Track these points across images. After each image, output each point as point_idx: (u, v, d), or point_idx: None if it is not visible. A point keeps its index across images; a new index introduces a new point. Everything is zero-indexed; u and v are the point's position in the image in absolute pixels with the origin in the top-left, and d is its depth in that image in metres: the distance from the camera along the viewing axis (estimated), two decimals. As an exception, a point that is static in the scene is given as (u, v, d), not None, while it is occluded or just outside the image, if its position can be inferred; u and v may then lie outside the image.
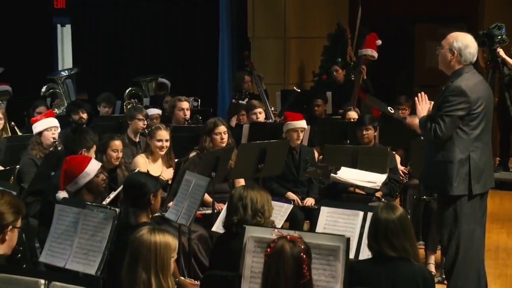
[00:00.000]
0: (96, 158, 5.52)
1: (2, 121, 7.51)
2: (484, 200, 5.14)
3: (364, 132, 6.85)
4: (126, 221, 4.34)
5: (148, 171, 5.97)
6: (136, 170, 5.84)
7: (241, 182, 6.39)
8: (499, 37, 8.64)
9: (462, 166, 4.91)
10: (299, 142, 6.94)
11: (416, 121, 5.29)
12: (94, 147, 5.81)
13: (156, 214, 5.29)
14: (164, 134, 6.38)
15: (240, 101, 9.26)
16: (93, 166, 4.95)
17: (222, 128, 6.49)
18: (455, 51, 5.00)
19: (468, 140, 4.94)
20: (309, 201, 6.72)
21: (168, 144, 6.41)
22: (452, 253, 4.98)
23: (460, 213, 4.95)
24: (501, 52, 8.74)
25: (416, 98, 5.21)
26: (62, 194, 4.74)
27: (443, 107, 4.90)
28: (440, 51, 5.09)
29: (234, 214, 4.26)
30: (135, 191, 4.51)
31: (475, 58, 5.10)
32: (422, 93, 5.24)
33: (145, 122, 7.44)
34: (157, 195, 4.56)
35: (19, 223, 3.46)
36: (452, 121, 4.88)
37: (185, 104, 8.11)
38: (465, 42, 5.03)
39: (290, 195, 6.70)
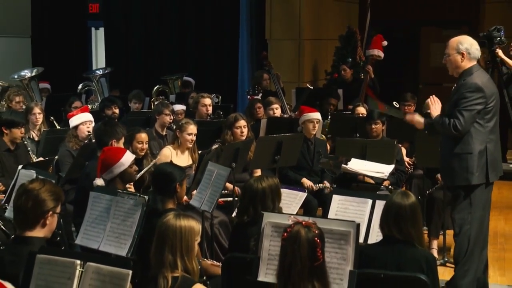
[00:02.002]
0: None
1: (42, 116, 7.56)
2: (491, 190, 5.13)
3: (373, 126, 6.84)
4: (154, 208, 4.36)
5: (171, 161, 5.99)
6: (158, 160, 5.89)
7: (259, 172, 6.39)
8: (498, 38, 8.59)
9: (481, 157, 4.90)
10: (314, 132, 6.93)
11: (416, 118, 5.26)
12: (123, 139, 5.84)
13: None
14: (194, 128, 6.39)
15: (255, 96, 9.29)
16: (128, 157, 4.96)
17: (242, 122, 6.51)
18: (464, 52, 4.96)
19: (484, 132, 4.92)
20: (325, 184, 6.69)
21: (195, 138, 6.43)
22: (464, 240, 4.93)
23: (475, 201, 4.93)
24: (500, 52, 8.69)
25: (429, 100, 5.17)
26: (99, 182, 4.76)
27: (461, 103, 4.86)
28: (448, 58, 5.04)
29: (245, 213, 4.31)
30: (162, 180, 4.54)
31: (480, 54, 5.07)
32: (434, 96, 5.22)
33: (172, 117, 7.47)
34: (183, 183, 4.58)
35: (58, 209, 3.49)
36: (471, 115, 4.84)
37: (207, 101, 8.12)
38: (469, 42, 5.02)
39: (306, 181, 6.67)
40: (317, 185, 6.65)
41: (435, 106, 5.12)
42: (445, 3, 12.73)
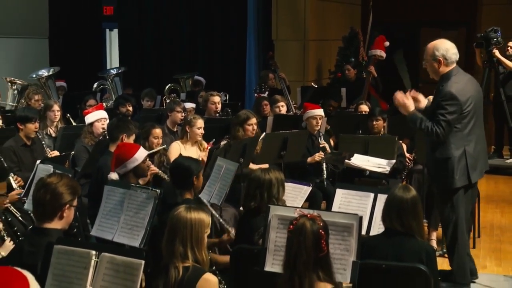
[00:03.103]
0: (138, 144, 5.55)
1: (59, 113, 7.57)
2: (476, 184, 5.12)
3: (374, 123, 6.84)
4: (174, 201, 4.42)
5: (180, 154, 6.04)
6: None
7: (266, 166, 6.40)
8: (495, 39, 8.57)
9: (460, 160, 4.86)
10: (317, 128, 6.92)
11: (420, 96, 5.15)
12: (134, 136, 5.84)
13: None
14: (202, 122, 6.51)
15: (262, 94, 9.28)
16: (141, 153, 4.96)
17: (254, 120, 6.57)
18: (440, 59, 4.90)
19: (462, 136, 4.87)
20: (325, 145, 6.75)
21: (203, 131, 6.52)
22: (452, 236, 4.97)
23: (458, 201, 4.92)
24: (496, 52, 8.67)
25: (406, 94, 5.08)
26: (113, 175, 4.76)
27: (438, 113, 4.82)
28: (427, 64, 5.00)
29: (252, 200, 4.28)
30: (180, 174, 4.56)
31: (458, 56, 4.98)
32: (413, 90, 5.18)
33: (183, 114, 7.46)
34: (199, 176, 4.60)
35: (75, 202, 3.49)
36: (448, 124, 4.81)
37: (216, 98, 8.12)
38: (445, 47, 4.92)
39: (310, 159, 6.67)
40: (319, 152, 6.65)
41: (409, 101, 5.01)
42: (444, 5, 12.70)
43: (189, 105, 8.30)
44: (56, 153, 6.46)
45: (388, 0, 12.66)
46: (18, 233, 4.26)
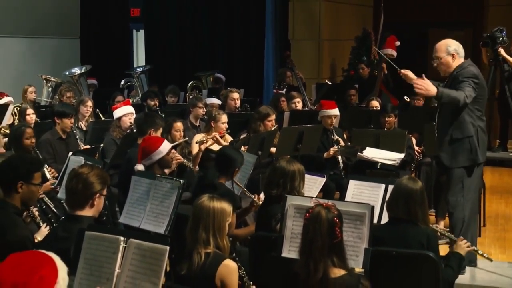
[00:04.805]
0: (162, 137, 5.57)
1: (91, 109, 7.62)
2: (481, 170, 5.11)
3: (387, 119, 6.80)
4: (211, 181, 4.58)
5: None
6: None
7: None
8: (501, 38, 8.48)
9: (476, 139, 4.86)
10: (331, 126, 6.89)
11: (410, 74, 5.01)
12: (161, 130, 5.85)
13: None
14: (225, 117, 6.57)
15: (280, 91, 9.25)
16: (166, 146, 4.97)
17: (273, 117, 6.61)
18: (454, 53, 4.89)
19: (475, 118, 4.88)
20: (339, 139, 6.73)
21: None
22: (458, 222, 4.88)
23: (468, 183, 4.88)
24: (502, 51, 8.58)
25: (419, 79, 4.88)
26: (139, 167, 4.78)
27: (464, 83, 4.72)
28: (440, 61, 4.93)
29: (275, 188, 4.26)
30: (226, 162, 4.72)
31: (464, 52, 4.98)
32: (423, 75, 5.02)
33: (204, 110, 7.47)
34: (240, 169, 4.79)
35: (105, 191, 3.50)
36: (473, 90, 4.73)
37: (236, 95, 8.13)
38: (455, 43, 4.95)
39: (328, 153, 6.66)
40: (333, 147, 6.63)
41: (427, 83, 4.81)
42: (452, 7, 12.59)
43: (214, 101, 8.29)
44: (87, 146, 6.49)
45: (399, 2, 12.58)
46: (52, 220, 4.30)
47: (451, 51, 4.88)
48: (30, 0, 12.09)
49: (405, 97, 7.01)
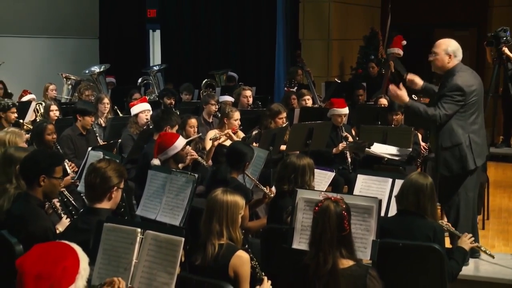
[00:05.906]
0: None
1: (109, 106, 7.64)
2: (480, 168, 5.02)
3: (394, 117, 6.76)
4: (223, 176, 4.57)
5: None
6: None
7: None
8: (504, 38, 8.43)
9: (468, 146, 4.76)
10: (341, 124, 6.87)
11: (416, 79, 5.10)
12: (177, 126, 5.86)
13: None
14: (238, 114, 6.55)
15: (291, 89, 9.23)
16: (181, 142, 4.97)
17: (284, 114, 6.58)
18: (451, 54, 4.80)
19: (466, 124, 4.77)
20: (347, 135, 6.71)
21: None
22: (454, 219, 4.85)
23: (462, 186, 4.82)
24: (506, 50, 8.52)
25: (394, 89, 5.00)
26: (156, 162, 4.78)
27: (442, 100, 4.71)
28: (436, 57, 4.87)
29: (286, 183, 4.24)
30: (236, 156, 4.69)
31: (461, 56, 4.90)
32: (409, 73, 5.08)
33: (217, 107, 7.46)
34: (250, 163, 4.76)
35: (122, 185, 3.50)
36: (450, 108, 4.70)
37: (248, 92, 8.13)
38: (456, 45, 4.85)
39: (335, 149, 6.63)
40: (342, 143, 6.61)
41: (403, 91, 4.95)
42: (456, 7, 12.52)
43: (227, 99, 8.28)
44: (105, 142, 6.52)
45: (405, 3, 12.52)
46: (73, 212, 4.32)
47: (449, 51, 4.80)
48: (52, 3, 12.16)
49: (412, 95, 6.96)
